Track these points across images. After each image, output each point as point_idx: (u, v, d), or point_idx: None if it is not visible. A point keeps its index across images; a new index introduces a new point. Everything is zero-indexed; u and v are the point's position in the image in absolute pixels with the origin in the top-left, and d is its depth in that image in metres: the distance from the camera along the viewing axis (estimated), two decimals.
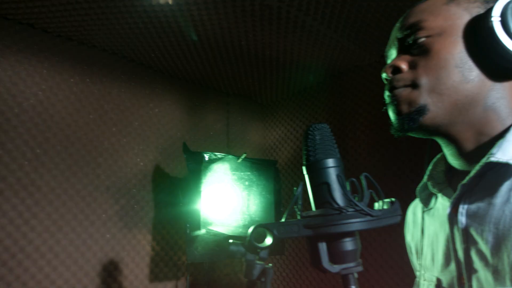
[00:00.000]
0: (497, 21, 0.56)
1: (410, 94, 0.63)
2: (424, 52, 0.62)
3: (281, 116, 2.45)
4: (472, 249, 0.60)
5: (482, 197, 0.60)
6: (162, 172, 1.83)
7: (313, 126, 0.54)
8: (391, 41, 0.71)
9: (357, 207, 0.47)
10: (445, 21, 0.62)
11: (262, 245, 0.49)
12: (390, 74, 0.66)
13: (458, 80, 0.60)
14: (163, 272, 1.72)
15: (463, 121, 0.62)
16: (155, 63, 1.92)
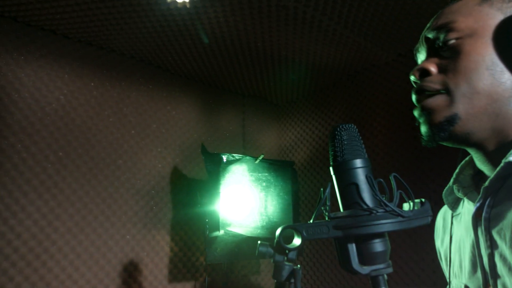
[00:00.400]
0: None
1: (440, 102, 0.61)
2: (454, 54, 0.61)
3: (296, 117, 2.44)
4: (496, 254, 0.58)
5: (505, 200, 0.58)
6: (180, 174, 1.85)
7: (340, 126, 0.54)
8: (421, 41, 0.69)
9: (388, 208, 0.46)
10: (476, 22, 0.60)
11: (291, 246, 0.49)
12: (419, 77, 0.65)
13: (489, 83, 0.58)
14: (182, 273, 1.74)
15: (491, 126, 0.60)
16: (172, 66, 1.94)
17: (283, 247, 0.49)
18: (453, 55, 0.61)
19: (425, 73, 0.64)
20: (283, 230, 0.50)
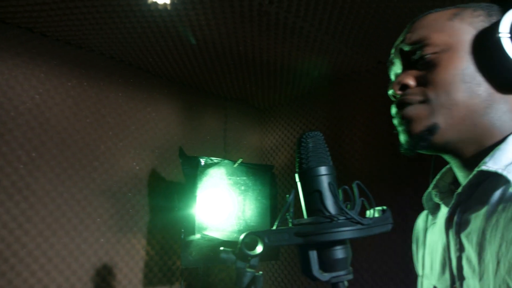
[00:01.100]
0: (506, 37, 0.57)
1: (420, 112, 0.62)
2: (431, 68, 0.63)
3: (278, 121, 2.45)
4: (464, 257, 0.60)
5: (476, 206, 0.60)
6: (159, 177, 1.83)
7: (307, 134, 0.54)
8: (395, 53, 0.70)
9: (348, 216, 0.47)
10: (450, 37, 0.62)
11: (253, 252, 0.49)
12: (399, 91, 0.67)
13: (467, 95, 0.60)
14: (157, 277, 1.71)
15: (469, 136, 0.62)
16: (153, 67, 1.93)
17: (245, 253, 0.49)
18: (431, 69, 0.63)
19: (404, 86, 0.66)
20: (246, 236, 0.49)
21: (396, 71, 0.70)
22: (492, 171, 0.56)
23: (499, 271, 0.52)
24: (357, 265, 1.80)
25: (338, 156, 2.04)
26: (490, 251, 0.54)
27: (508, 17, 0.58)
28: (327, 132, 2.14)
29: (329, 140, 2.03)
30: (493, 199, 0.58)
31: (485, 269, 0.55)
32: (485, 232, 0.56)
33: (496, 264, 0.53)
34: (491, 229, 0.56)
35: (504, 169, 0.55)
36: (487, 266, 0.54)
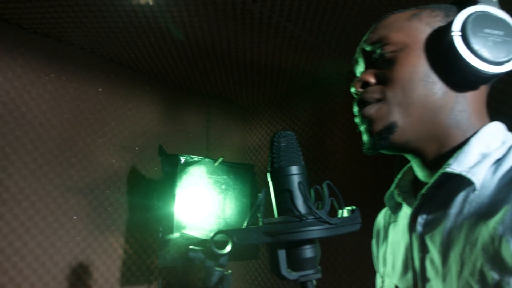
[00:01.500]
0: (457, 35, 0.58)
1: (379, 110, 0.64)
2: (390, 66, 0.64)
3: (262, 120, 2.45)
4: (427, 258, 0.61)
5: (439, 207, 0.61)
6: (138, 174, 1.80)
7: (279, 133, 0.54)
8: (358, 53, 0.72)
9: (317, 215, 0.47)
10: (407, 36, 0.64)
11: (221, 251, 0.48)
12: (360, 89, 0.68)
13: (423, 94, 0.61)
14: (135, 276, 1.69)
15: (428, 135, 0.63)
16: (134, 63, 1.90)
17: (214, 252, 0.49)
18: (389, 67, 0.64)
19: (365, 84, 0.67)
20: (215, 235, 0.49)
21: (360, 70, 0.72)
22: (456, 173, 0.57)
23: (463, 273, 0.53)
24: (336, 264, 1.82)
25: (319, 156, 2.06)
26: (454, 252, 0.55)
27: (461, 16, 0.59)
28: (310, 132, 2.16)
29: (311, 140, 2.04)
30: (456, 201, 0.59)
31: (449, 271, 0.56)
32: (449, 233, 0.57)
33: (460, 266, 0.54)
34: (455, 231, 0.57)
35: (468, 172, 0.56)
36: (451, 268, 0.55)
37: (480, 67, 0.57)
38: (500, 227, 0.51)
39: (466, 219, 0.56)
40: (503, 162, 0.57)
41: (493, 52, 0.57)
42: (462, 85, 0.62)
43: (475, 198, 0.56)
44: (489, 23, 0.58)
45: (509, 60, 0.58)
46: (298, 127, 2.23)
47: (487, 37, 0.58)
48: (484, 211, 0.54)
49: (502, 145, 0.60)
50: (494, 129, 0.62)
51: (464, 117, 0.62)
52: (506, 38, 0.58)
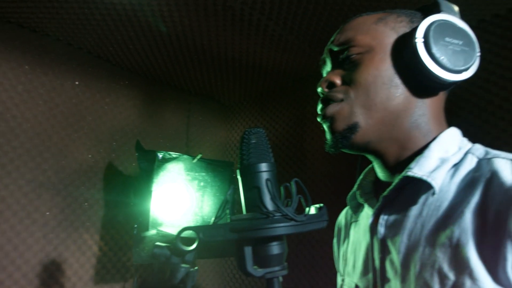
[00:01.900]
0: (420, 42, 0.60)
1: (342, 110, 0.65)
2: (355, 68, 0.65)
3: (242, 118, 2.45)
4: (387, 259, 0.62)
5: (400, 209, 0.63)
6: (115, 170, 1.77)
7: (249, 130, 0.54)
8: (326, 53, 0.73)
9: (283, 212, 0.47)
10: (373, 39, 0.65)
11: (187, 248, 0.48)
12: (326, 89, 0.69)
13: (385, 97, 0.63)
14: (110, 273, 1.66)
15: (389, 137, 0.65)
16: (113, 57, 1.86)
17: (179, 249, 0.48)
18: (355, 69, 0.65)
19: (331, 84, 0.68)
20: (181, 231, 0.49)
21: (327, 70, 0.73)
22: (417, 177, 0.59)
23: (421, 273, 0.54)
24: (313, 262, 1.84)
25: (299, 154, 2.07)
26: (413, 254, 0.57)
27: (424, 23, 0.61)
28: (290, 130, 2.17)
29: (291, 139, 2.05)
30: (416, 203, 0.60)
31: (408, 271, 0.57)
32: (409, 235, 0.59)
33: (419, 267, 0.55)
34: (414, 233, 0.58)
35: (428, 176, 0.58)
36: (410, 269, 0.57)
37: (440, 74, 0.59)
38: (457, 230, 0.53)
39: (425, 221, 0.58)
40: (460, 167, 0.60)
41: (452, 61, 0.59)
42: (423, 91, 0.64)
43: (433, 201, 0.58)
44: (450, 32, 0.61)
45: (466, 69, 0.61)
46: (278, 126, 2.24)
47: (447, 46, 0.60)
48: (442, 214, 0.56)
49: (459, 150, 0.62)
50: (451, 134, 0.64)
51: (424, 122, 0.64)
52: (464, 47, 0.61)
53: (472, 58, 0.61)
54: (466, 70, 0.61)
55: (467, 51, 0.61)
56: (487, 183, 0.54)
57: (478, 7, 1.42)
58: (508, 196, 0.50)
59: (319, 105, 0.71)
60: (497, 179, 0.53)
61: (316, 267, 1.82)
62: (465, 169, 0.59)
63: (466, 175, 0.58)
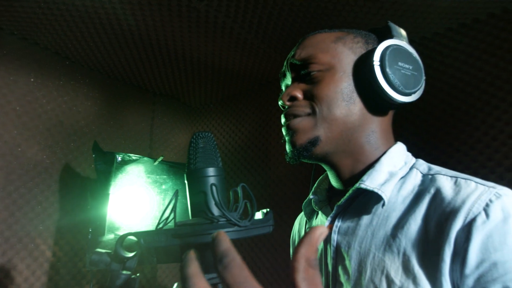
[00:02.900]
0: (377, 65, 0.64)
1: (307, 124, 0.68)
2: (316, 84, 0.69)
3: (209, 121, 2.43)
4: (340, 265, 0.65)
5: (353, 218, 0.67)
6: (73, 173, 1.70)
7: (197, 134, 0.54)
8: (286, 66, 0.75)
9: (228, 217, 0.47)
10: (333, 58, 0.69)
11: (128, 254, 0.47)
12: (287, 102, 0.71)
13: (345, 112, 0.67)
14: (65, 280, 1.59)
15: (344, 150, 0.69)
16: (72, 53, 1.79)
17: (119, 255, 0.47)
18: (316, 85, 0.69)
19: (292, 98, 0.70)
20: (122, 237, 0.47)
21: (287, 83, 0.75)
22: (369, 190, 0.62)
23: (372, 278, 0.58)
24: (274, 267, 1.85)
25: (264, 158, 2.08)
26: (364, 260, 0.60)
27: (380, 48, 0.65)
28: (256, 134, 2.18)
29: (256, 142, 2.06)
30: (368, 213, 0.65)
31: (360, 277, 0.60)
32: (360, 242, 0.63)
33: (370, 272, 0.59)
34: (365, 240, 0.62)
35: (379, 189, 0.62)
36: (362, 274, 0.60)
37: (393, 95, 0.64)
38: (403, 239, 0.57)
39: (375, 230, 0.61)
40: (406, 180, 0.65)
41: (404, 83, 0.64)
42: (376, 109, 0.69)
43: (383, 212, 0.62)
44: (402, 57, 0.66)
45: (415, 92, 0.66)
46: (244, 129, 2.24)
47: (400, 70, 0.65)
48: (390, 224, 0.60)
49: (405, 165, 0.68)
50: (398, 150, 0.70)
51: (375, 137, 0.69)
52: (413, 72, 0.66)
53: (420, 82, 0.66)
54: (415, 92, 0.67)
55: (416, 75, 0.66)
56: (432, 198, 0.59)
57: (456, 10, 1.49)
58: (448, 209, 0.55)
59: (282, 118, 0.73)
60: (439, 195, 0.58)
61: (279, 270, 1.84)
62: (411, 183, 0.64)
63: (412, 189, 0.63)
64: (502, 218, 0.50)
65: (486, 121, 1.37)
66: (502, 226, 0.50)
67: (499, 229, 0.50)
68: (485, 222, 0.50)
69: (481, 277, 0.49)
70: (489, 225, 0.50)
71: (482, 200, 0.53)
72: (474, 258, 0.50)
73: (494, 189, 0.54)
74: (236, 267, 0.35)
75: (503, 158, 1.31)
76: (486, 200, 0.52)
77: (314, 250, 0.36)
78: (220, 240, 0.39)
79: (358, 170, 0.69)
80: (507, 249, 0.48)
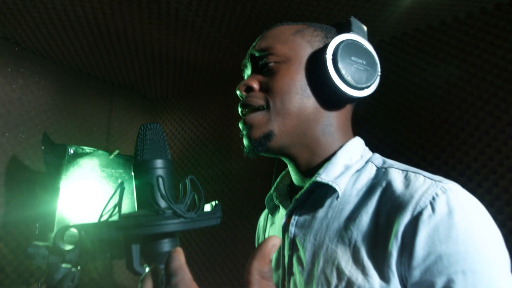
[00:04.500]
0: (330, 59, 0.64)
1: (261, 119, 0.68)
2: (272, 76, 0.68)
3: (170, 115, 2.39)
4: (294, 256, 0.67)
5: (309, 210, 0.68)
6: (21, 165, 1.61)
7: (145, 125, 0.53)
8: (247, 58, 0.75)
9: (174, 209, 0.47)
10: (290, 50, 0.69)
11: (67, 247, 0.45)
12: (244, 92, 0.71)
13: (298, 106, 0.67)
14: (10, 278, 1.50)
15: (300, 143, 0.69)
16: (23, 39, 1.68)
17: (59, 248, 0.46)
18: (272, 76, 0.68)
19: (249, 89, 0.70)
20: (62, 229, 0.46)
21: (248, 73, 0.75)
22: (324, 183, 0.63)
23: (323, 270, 0.60)
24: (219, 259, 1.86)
25: (226, 154, 2.08)
26: (318, 251, 0.62)
27: (334, 41, 0.66)
28: (218, 129, 2.17)
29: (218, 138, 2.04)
30: (323, 206, 0.66)
31: (313, 268, 0.62)
32: (315, 235, 0.64)
33: (322, 263, 0.60)
34: (320, 233, 0.63)
35: (334, 181, 0.63)
36: (315, 265, 0.62)
37: (344, 89, 0.65)
38: (355, 231, 0.59)
39: (329, 222, 0.63)
40: (361, 174, 0.66)
41: (356, 78, 0.65)
42: (331, 103, 0.69)
43: (337, 205, 0.64)
44: (356, 51, 0.66)
45: (368, 87, 0.67)
46: (207, 124, 2.23)
47: (352, 64, 0.65)
48: (344, 217, 0.62)
49: (361, 158, 0.69)
50: (355, 144, 0.71)
51: (331, 131, 0.70)
52: (367, 67, 0.67)
53: (373, 77, 0.67)
54: (368, 87, 0.67)
55: (369, 70, 0.67)
56: (383, 191, 0.60)
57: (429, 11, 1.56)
58: (397, 203, 0.57)
59: (239, 108, 0.72)
60: (390, 188, 0.59)
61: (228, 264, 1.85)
62: (366, 176, 0.65)
63: (366, 182, 0.64)
64: (447, 211, 0.52)
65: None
66: (447, 220, 0.51)
67: (444, 222, 0.51)
68: (431, 216, 0.52)
69: (427, 269, 0.50)
70: (435, 218, 0.52)
71: (429, 194, 0.54)
72: (421, 251, 0.51)
73: (441, 183, 0.56)
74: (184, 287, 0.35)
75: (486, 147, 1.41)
76: (432, 194, 0.54)
77: (267, 262, 0.36)
78: (173, 258, 0.40)
79: (315, 163, 0.70)
80: (452, 242, 0.50)
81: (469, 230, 0.52)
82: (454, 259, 0.50)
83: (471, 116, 1.40)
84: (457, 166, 1.39)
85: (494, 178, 1.30)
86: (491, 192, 1.29)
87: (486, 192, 1.30)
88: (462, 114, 1.43)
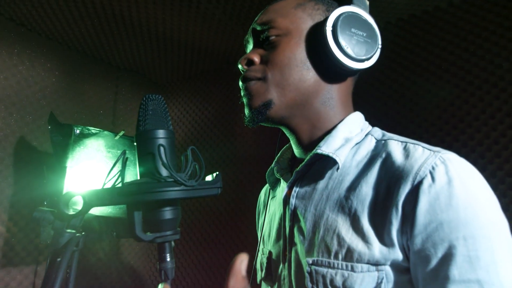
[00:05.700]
0: (329, 31, 0.64)
1: (259, 88, 0.68)
2: (273, 49, 0.69)
3: (176, 98, 2.40)
4: (295, 226, 0.68)
5: (310, 182, 0.69)
6: (28, 146, 1.63)
7: (147, 96, 0.54)
8: (249, 32, 0.75)
9: (175, 177, 0.48)
10: (291, 23, 0.69)
11: (72, 212, 0.47)
12: (245, 66, 0.71)
13: (297, 78, 0.67)
14: (20, 256, 1.54)
15: (301, 115, 0.69)
16: (28, 21, 1.69)
17: (63, 213, 0.47)
18: (273, 49, 0.69)
19: (250, 62, 0.71)
20: (66, 195, 0.47)
21: (250, 49, 0.75)
22: (325, 154, 0.64)
23: (324, 238, 0.61)
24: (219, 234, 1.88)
25: (230, 136, 2.09)
26: (318, 221, 0.63)
27: (334, 15, 0.65)
28: (222, 112, 2.17)
29: (223, 120, 2.06)
30: (324, 177, 0.67)
31: (314, 237, 0.63)
32: (315, 206, 0.65)
33: (323, 232, 0.62)
34: (320, 203, 0.65)
35: (334, 153, 0.64)
36: (315, 234, 0.63)
37: (344, 61, 0.65)
38: (355, 201, 0.60)
39: (330, 193, 0.64)
40: (361, 146, 0.67)
41: (355, 50, 0.65)
42: (331, 76, 0.69)
43: (337, 176, 0.65)
44: (356, 23, 0.66)
45: (368, 59, 0.66)
46: (211, 107, 2.23)
47: (352, 36, 0.65)
48: (344, 187, 0.63)
49: (361, 131, 0.70)
50: (355, 117, 0.71)
51: (332, 104, 0.70)
52: (367, 39, 0.66)
53: (374, 49, 0.67)
54: (368, 59, 0.67)
55: (370, 42, 0.66)
56: (383, 162, 0.61)
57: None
58: (397, 173, 0.58)
59: (240, 82, 0.73)
60: (390, 159, 0.60)
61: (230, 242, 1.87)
62: (365, 149, 0.66)
63: (366, 153, 0.65)
64: (446, 180, 0.53)
65: None
66: (447, 189, 0.53)
67: (444, 191, 0.53)
68: (431, 185, 0.53)
69: (429, 236, 0.52)
70: (435, 188, 0.53)
71: (428, 164, 0.55)
72: (422, 219, 0.52)
73: (439, 153, 0.57)
74: None
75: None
76: (432, 164, 0.55)
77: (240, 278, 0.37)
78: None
79: (317, 136, 0.70)
80: (453, 210, 0.51)
81: (468, 198, 0.52)
82: (455, 226, 0.51)
83: (478, 99, 1.39)
84: (461, 150, 1.38)
85: (499, 161, 1.29)
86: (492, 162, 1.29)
87: (488, 163, 1.30)
88: (468, 97, 1.41)
